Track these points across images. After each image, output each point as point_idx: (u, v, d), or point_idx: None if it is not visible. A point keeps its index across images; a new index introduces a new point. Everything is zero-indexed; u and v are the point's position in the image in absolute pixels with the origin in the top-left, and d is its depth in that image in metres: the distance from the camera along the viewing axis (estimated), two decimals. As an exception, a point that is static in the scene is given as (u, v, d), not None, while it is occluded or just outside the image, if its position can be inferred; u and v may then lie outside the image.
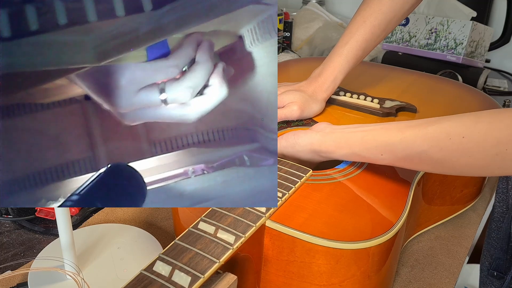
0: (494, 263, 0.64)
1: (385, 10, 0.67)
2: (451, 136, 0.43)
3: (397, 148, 0.47)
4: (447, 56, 1.07)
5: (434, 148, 0.44)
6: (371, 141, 0.50)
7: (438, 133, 0.44)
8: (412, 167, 0.48)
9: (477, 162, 0.42)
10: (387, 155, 0.48)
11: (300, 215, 0.46)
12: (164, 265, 0.37)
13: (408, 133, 0.47)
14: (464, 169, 0.44)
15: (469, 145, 0.42)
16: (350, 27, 0.69)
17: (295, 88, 0.69)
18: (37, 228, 0.62)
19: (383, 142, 0.48)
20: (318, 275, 0.44)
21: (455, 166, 0.44)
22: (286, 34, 1.29)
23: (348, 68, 0.69)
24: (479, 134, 0.41)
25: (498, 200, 0.67)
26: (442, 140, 0.44)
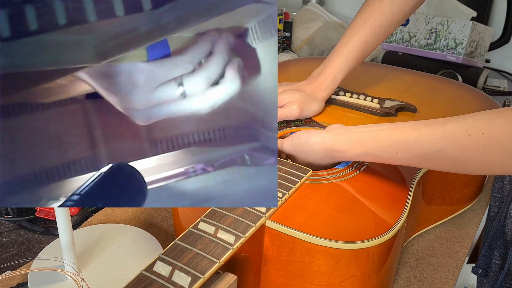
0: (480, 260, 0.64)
1: (386, 12, 0.67)
2: (470, 133, 0.42)
3: (413, 146, 0.46)
4: (447, 56, 1.07)
5: (452, 146, 0.43)
6: (385, 140, 0.49)
7: (456, 130, 0.43)
8: (429, 166, 0.48)
9: (496, 158, 0.41)
10: (402, 154, 0.48)
11: (300, 215, 0.46)
12: (164, 265, 0.37)
13: (425, 131, 0.46)
14: (483, 166, 0.43)
15: (489, 141, 0.41)
16: (351, 28, 0.69)
17: (295, 87, 0.69)
18: (37, 228, 0.62)
19: (399, 141, 0.48)
20: (318, 275, 0.44)
21: (475, 163, 0.43)
22: (286, 34, 1.29)
23: (348, 68, 0.69)
24: (498, 130, 0.41)
25: (493, 200, 0.67)
26: (461, 137, 0.43)
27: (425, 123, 0.47)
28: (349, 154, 0.52)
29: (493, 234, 0.63)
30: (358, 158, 0.52)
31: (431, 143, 0.45)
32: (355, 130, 0.53)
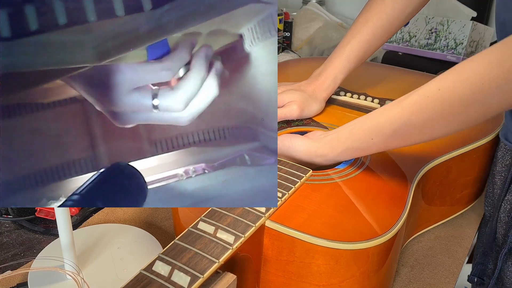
0: (476, 268, 0.64)
1: (388, 12, 0.67)
2: (428, 94, 0.44)
3: (383, 127, 0.48)
4: (447, 56, 1.07)
5: (416, 113, 0.45)
6: (358, 130, 0.51)
7: (415, 97, 0.45)
8: (403, 142, 0.49)
9: (455, 109, 0.43)
10: (377, 138, 0.49)
11: (300, 215, 0.46)
12: (163, 265, 0.37)
13: (390, 109, 0.48)
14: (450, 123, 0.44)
15: (446, 95, 0.43)
16: (353, 28, 0.69)
17: (295, 87, 0.69)
18: (37, 228, 0.62)
19: (371, 127, 0.49)
20: (317, 275, 0.44)
21: (441, 123, 0.44)
22: (286, 34, 1.29)
23: (349, 68, 0.69)
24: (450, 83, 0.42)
25: (486, 204, 0.67)
26: (420, 102, 0.45)
27: (391, 103, 0.48)
28: (333, 155, 0.53)
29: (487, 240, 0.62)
30: (342, 157, 0.53)
31: (397, 118, 0.47)
32: (334, 131, 0.54)
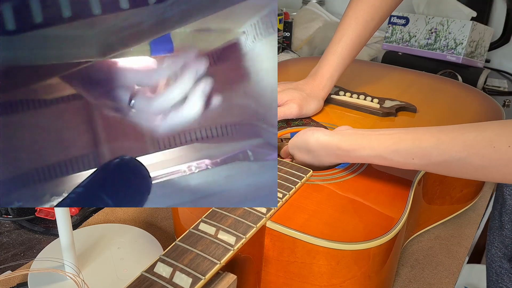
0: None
1: (377, 4, 0.67)
2: (495, 145, 0.41)
3: (431, 153, 0.45)
4: (447, 56, 1.07)
5: (475, 156, 0.42)
6: (399, 144, 0.48)
7: (479, 140, 0.42)
8: (445, 172, 0.47)
9: None
10: (419, 160, 0.46)
11: (301, 216, 0.46)
12: (165, 267, 0.37)
13: (444, 138, 0.45)
14: (507, 177, 0.42)
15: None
16: (343, 24, 0.69)
17: (293, 86, 0.69)
18: (37, 228, 0.62)
19: (416, 146, 0.46)
20: (318, 276, 0.44)
21: (497, 174, 0.42)
22: (286, 34, 1.28)
23: (343, 65, 0.69)
24: None
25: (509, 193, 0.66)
26: (485, 148, 0.42)
27: (440, 129, 0.46)
28: (356, 154, 0.51)
29: None
30: (365, 160, 0.51)
31: (452, 151, 0.44)
32: (364, 132, 0.52)
